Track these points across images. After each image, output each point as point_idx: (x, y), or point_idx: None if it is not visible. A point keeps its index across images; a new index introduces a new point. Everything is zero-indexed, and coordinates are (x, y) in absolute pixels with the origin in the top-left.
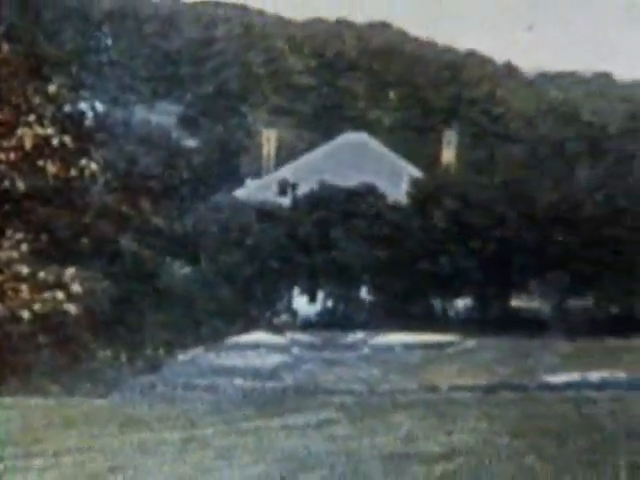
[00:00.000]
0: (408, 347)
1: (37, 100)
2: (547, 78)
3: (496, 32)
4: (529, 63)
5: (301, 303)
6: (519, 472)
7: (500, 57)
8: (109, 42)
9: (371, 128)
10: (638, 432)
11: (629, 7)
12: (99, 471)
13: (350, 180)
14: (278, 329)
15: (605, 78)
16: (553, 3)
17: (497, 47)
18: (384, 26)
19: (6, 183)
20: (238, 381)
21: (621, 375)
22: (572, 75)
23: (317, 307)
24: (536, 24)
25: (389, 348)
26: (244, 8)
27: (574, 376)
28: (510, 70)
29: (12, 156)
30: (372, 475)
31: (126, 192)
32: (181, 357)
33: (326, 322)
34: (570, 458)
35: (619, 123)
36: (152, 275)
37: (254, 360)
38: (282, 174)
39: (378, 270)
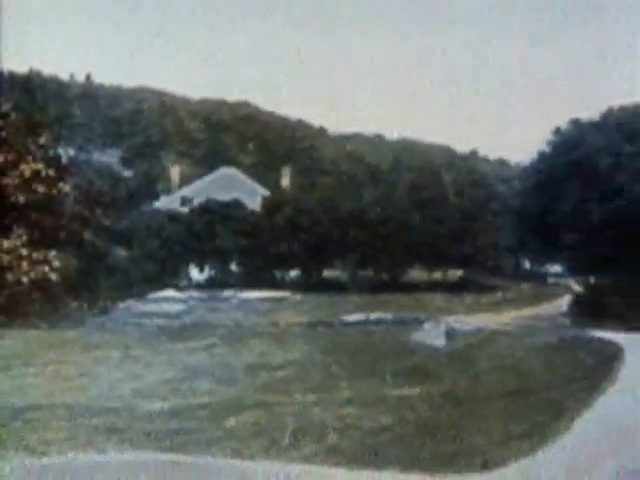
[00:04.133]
0: (260, 300)
1: (32, 147)
2: (345, 137)
3: (317, 106)
4: (334, 127)
5: (195, 273)
6: (327, 376)
7: (317, 123)
8: (77, 112)
9: (239, 165)
10: (399, 351)
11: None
12: (71, 375)
13: (226, 197)
14: (180, 289)
15: (379, 137)
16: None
17: (315, 116)
18: (246, 104)
19: (13, 198)
20: (156, 320)
21: (389, 316)
22: (360, 135)
23: (204, 275)
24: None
25: (249, 300)
26: (161, 91)
27: (361, 316)
28: (322, 132)
29: (16, 181)
30: (238, 377)
31: (87, 204)
32: (121, 306)
33: (210, 284)
34: (358, 368)
35: (388, 164)
36: (104, 256)
37: (166, 307)
38: (183, 193)
39: (243, 252)
